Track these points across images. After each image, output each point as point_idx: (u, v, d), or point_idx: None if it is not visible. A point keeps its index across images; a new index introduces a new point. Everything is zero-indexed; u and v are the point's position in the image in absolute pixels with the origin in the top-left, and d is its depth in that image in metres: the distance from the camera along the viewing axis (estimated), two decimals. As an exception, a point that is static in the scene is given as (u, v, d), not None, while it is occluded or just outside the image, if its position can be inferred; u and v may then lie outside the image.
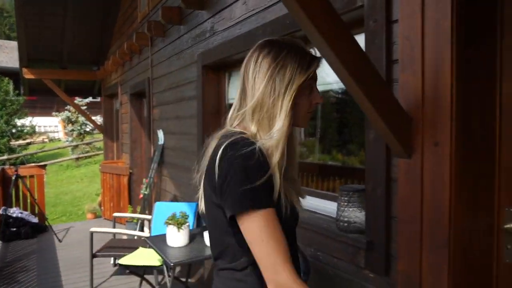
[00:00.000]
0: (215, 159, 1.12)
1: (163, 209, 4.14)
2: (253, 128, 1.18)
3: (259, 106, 1.17)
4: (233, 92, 4.01)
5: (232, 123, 1.25)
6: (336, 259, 2.23)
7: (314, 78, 1.28)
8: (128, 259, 3.71)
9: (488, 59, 1.68)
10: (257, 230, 1.06)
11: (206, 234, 2.95)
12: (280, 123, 1.16)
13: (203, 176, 1.23)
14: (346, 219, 2.07)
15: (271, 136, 1.15)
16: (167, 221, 3.03)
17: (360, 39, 2.09)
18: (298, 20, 1.53)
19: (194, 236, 3.18)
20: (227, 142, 1.12)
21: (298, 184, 1.36)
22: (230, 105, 4.24)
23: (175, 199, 4.96)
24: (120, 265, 3.75)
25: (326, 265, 2.31)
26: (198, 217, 3.90)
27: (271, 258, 1.04)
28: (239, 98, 1.25)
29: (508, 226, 1.68)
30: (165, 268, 3.52)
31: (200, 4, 3.91)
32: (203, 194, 1.26)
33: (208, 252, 2.88)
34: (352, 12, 2.07)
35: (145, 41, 5.64)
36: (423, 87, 1.67)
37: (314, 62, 1.25)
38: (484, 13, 1.66)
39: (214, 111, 4.04)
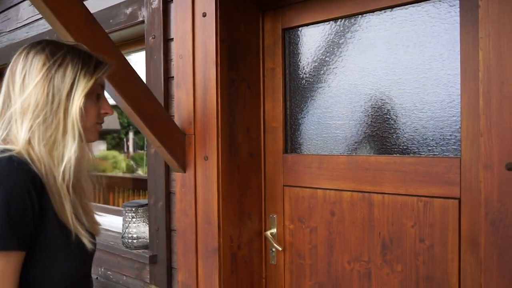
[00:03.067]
0: None
1: None
2: (22, 138, 0.95)
3: (32, 110, 0.96)
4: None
5: None
6: (125, 276, 2.17)
7: (102, 84, 1.12)
8: None
9: (252, 80, 1.87)
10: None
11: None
12: (70, 133, 0.98)
13: None
14: (131, 235, 2.04)
15: (55, 153, 0.97)
16: None
17: (143, 55, 2.10)
18: (58, 33, 1.45)
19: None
20: None
21: (90, 207, 1.13)
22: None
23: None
24: None
25: (116, 284, 2.23)
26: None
27: None
28: (1, 107, 1.01)
29: (271, 231, 1.89)
30: None
31: (-18, -1, 3.42)
32: None
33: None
34: (135, 27, 2.07)
35: None
36: (194, 104, 1.76)
37: (102, 66, 1.07)
38: (246, 40, 1.84)
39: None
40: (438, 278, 1.43)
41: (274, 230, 1.88)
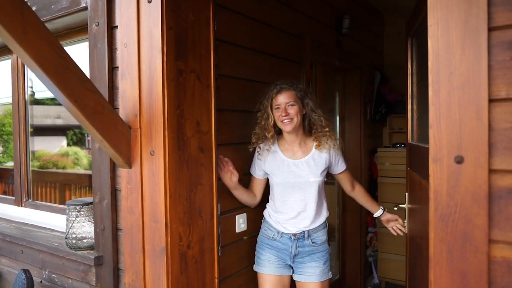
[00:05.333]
0: None
1: None
2: None
3: None
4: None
5: None
6: (70, 279, 2.04)
7: None
8: None
9: (203, 71, 1.78)
10: None
11: None
12: None
13: None
14: (75, 235, 1.92)
15: None
16: None
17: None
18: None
19: None
20: None
21: None
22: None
23: None
24: None
25: None
26: None
27: None
28: None
29: (402, 205, 2.21)
30: None
31: None
32: None
33: None
34: (78, 14, 1.94)
35: None
36: (140, 96, 1.65)
37: None
38: (196, 29, 1.75)
39: None
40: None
41: (404, 206, 2.18)
